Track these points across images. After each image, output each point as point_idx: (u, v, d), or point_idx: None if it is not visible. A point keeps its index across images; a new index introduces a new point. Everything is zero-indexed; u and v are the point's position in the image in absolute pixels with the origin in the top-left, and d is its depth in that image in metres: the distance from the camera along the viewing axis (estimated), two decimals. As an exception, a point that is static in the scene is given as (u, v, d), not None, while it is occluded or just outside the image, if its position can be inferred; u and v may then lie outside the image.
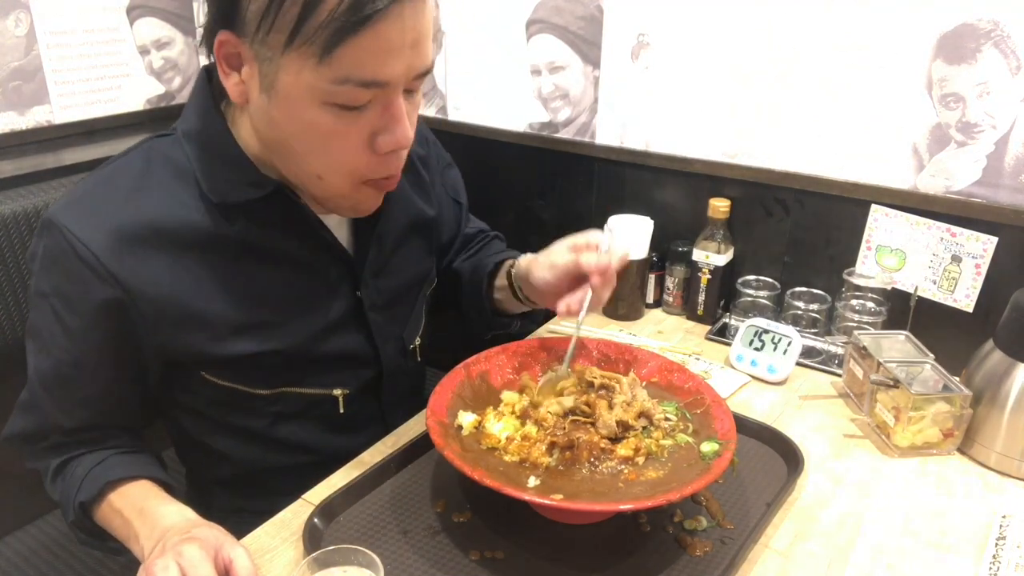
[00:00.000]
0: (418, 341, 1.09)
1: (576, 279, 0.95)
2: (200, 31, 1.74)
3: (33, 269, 0.86)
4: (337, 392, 0.98)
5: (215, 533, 0.75)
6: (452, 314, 1.20)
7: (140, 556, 0.79)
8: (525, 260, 1.05)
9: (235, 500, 1.04)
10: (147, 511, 0.82)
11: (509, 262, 1.10)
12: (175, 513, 0.81)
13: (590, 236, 0.96)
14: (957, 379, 1.04)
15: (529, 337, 1.03)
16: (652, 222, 1.39)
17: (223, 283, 0.87)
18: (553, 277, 0.96)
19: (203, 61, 1.83)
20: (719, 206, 1.35)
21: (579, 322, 0.94)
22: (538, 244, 1.05)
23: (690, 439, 0.89)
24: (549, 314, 1.21)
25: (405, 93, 0.79)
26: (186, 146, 0.86)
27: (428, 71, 0.80)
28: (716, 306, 1.40)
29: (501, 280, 1.11)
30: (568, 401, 0.91)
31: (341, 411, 0.99)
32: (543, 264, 0.99)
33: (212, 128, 0.85)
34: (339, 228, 0.95)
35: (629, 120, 1.48)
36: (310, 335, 0.93)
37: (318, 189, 0.85)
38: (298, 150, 0.80)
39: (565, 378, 0.96)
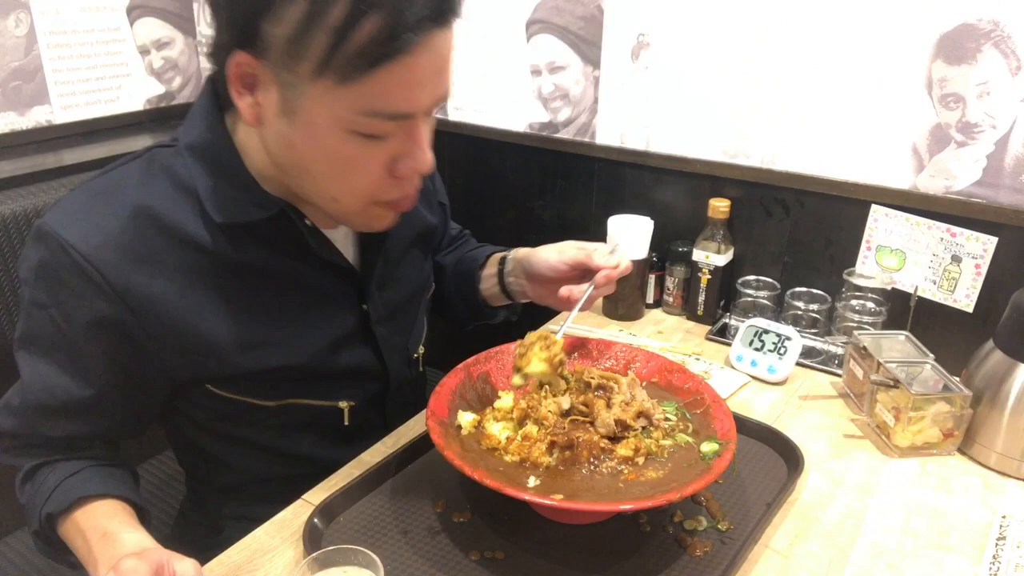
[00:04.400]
0: (421, 350, 1.10)
1: (578, 273, 1.00)
2: (199, 32, 1.74)
3: (25, 278, 0.82)
4: (343, 404, 0.97)
5: (163, 552, 0.72)
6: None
7: None
8: (524, 250, 1.09)
9: (236, 508, 1.03)
10: (110, 535, 0.78)
11: (498, 255, 1.14)
12: (135, 541, 0.77)
13: (600, 245, 1.01)
14: (957, 379, 1.04)
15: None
16: (652, 222, 1.39)
17: (229, 302, 0.85)
18: (558, 263, 1.01)
19: (203, 63, 1.83)
20: (719, 206, 1.35)
21: (574, 312, 0.97)
22: (538, 244, 1.06)
23: (690, 439, 0.89)
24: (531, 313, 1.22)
25: (424, 116, 0.78)
26: (189, 160, 0.83)
27: (448, 97, 0.79)
28: (716, 306, 1.40)
29: (490, 270, 1.14)
30: (565, 401, 0.91)
31: (346, 423, 0.98)
32: (550, 250, 1.03)
33: (217, 143, 0.83)
34: (345, 242, 0.94)
35: (629, 120, 1.48)
36: (317, 351, 0.91)
37: (332, 209, 0.83)
38: (315, 174, 0.79)
39: (553, 344, 0.93)
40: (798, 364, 1.22)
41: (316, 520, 0.84)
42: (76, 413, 0.85)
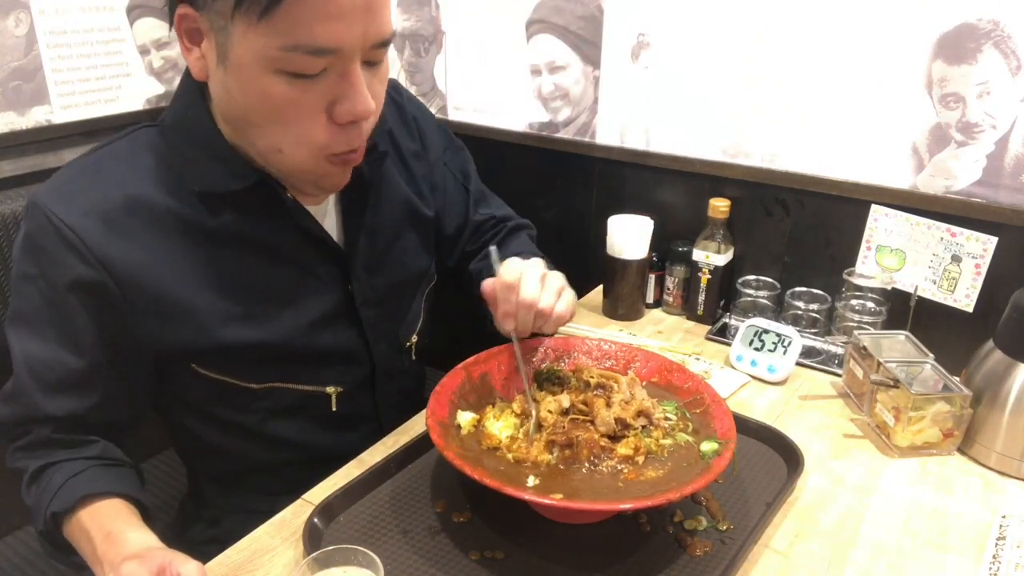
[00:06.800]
0: (414, 339, 1.09)
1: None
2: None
3: (15, 256, 0.84)
4: (330, 390, 0.98)
5: (166, 553, 0.72)
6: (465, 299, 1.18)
7: None
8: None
9: (230, 498, 1.04)
10: (114, 535, 0.79)
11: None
12: (139, 540, 0.78)
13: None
14: (957, 379, 1.04)
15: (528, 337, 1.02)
16: (652, 222, 1.39)
17: (209, 272, 0.86)
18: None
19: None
20: (719, 206, 1.35)
21: (517, 356, 0.97)
22: (538, 244, 1.05)
23: (690, 438, 0.89)
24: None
25: (366, 65, 0.77)
26: (171, 137, 0.86)
27: (388, 41, 0.77)
28: (716, 306, 1.40)
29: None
30: (565, 400, 0.91)
31: (334, 409, 0.99)
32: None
33: (196, 119, 0.85)
34: (327, 220, 0.95)
35: (629, 120, 1.48)
36: (298, 328, 0.92)
37: (280, 163, 0.83)
38: (256, 122, 0.79)
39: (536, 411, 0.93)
40: (798, 364, 1.22)
41: (316, 520, 0.84)
42: (71, 386, 0.85)
